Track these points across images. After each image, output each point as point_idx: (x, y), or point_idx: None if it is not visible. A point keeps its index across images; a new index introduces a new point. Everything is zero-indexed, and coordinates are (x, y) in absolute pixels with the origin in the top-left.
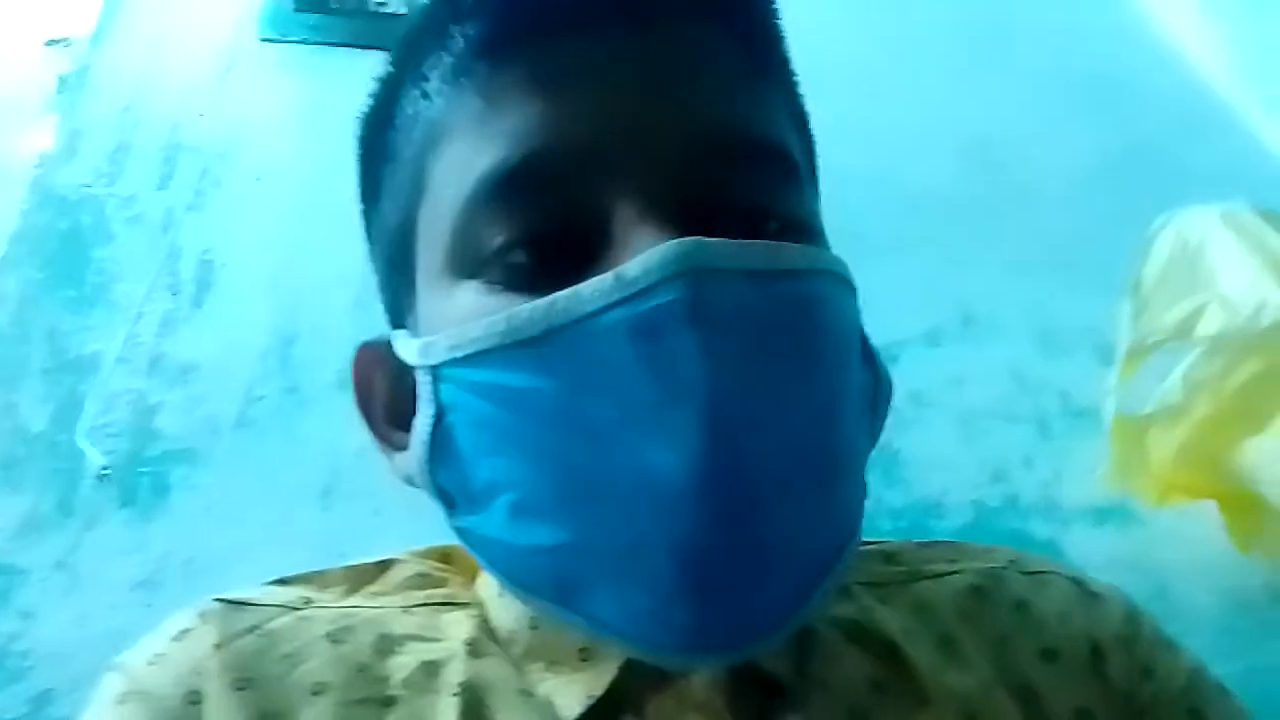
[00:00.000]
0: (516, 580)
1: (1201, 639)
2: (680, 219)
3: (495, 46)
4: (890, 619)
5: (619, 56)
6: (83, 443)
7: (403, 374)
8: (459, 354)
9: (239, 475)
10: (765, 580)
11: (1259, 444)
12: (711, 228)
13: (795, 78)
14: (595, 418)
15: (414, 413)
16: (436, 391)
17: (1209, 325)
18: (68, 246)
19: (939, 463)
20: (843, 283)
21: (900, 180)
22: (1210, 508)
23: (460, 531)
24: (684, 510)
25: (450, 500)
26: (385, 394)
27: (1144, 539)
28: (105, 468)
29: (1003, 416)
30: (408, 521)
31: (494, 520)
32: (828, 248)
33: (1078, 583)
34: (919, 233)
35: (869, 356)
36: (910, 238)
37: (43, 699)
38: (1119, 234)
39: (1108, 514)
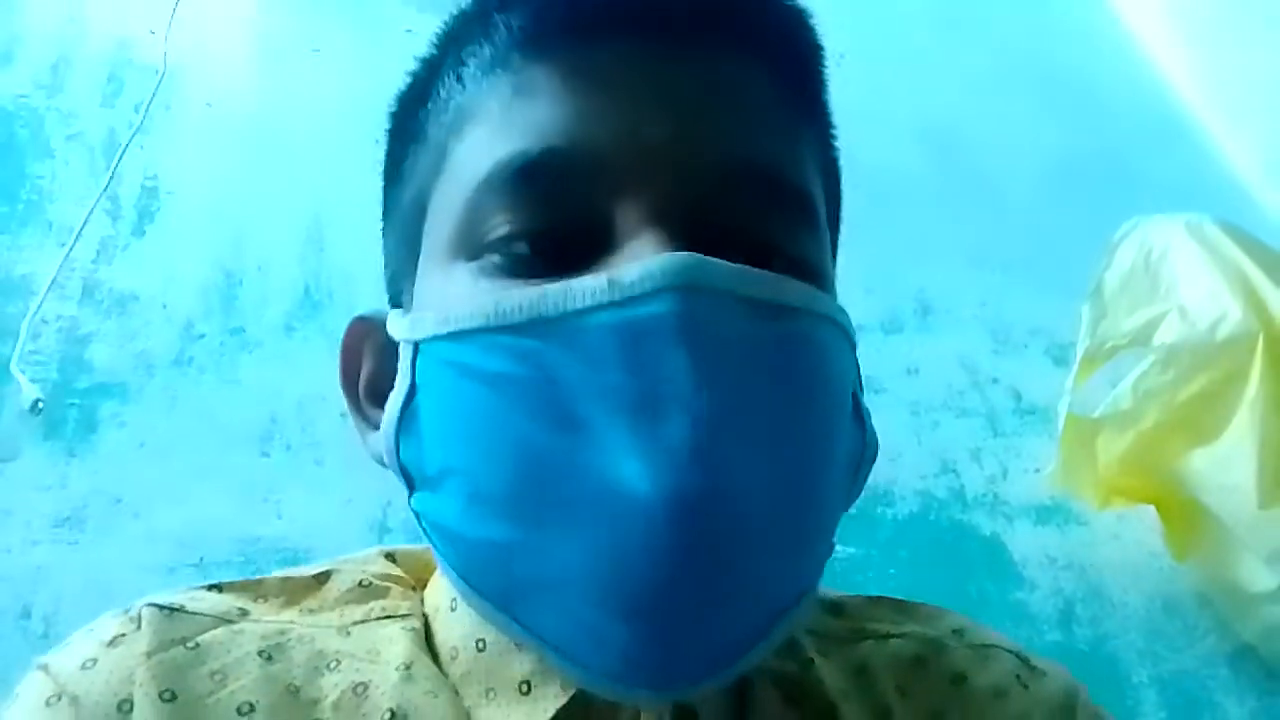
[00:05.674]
0: (464, 573)
1: (1130, 640)
2: (684, 237)
3: (535, 39)
4: (830, 677)
5: (654, 69)
6: (16, 371)
7: (391, 353)
8: (443, 330)
9: (173, 415)
10: (714, 618)
11: (1205, 453)
12: (715, 253)
13: (832, 129)
14: (567, 416)
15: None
16: (414, 367)
17: (1167, 334)
18: (1, 159)
19: (889, 451)
20: (843, 335)
21: (861, 161)
22: (1149, 513)
23: (417, 515)
24: (645, 528)
25: (411, 480)
26: (371, 370)
27: (1083, 539)
28: (39, 399)
29: (954, 409)
30: (348, 476)
31: (450, 506)
32: (835, 298)
33: (1021, 658)
34: (880, 217)
35: (860, 417)
36: (870, 221)
37: None
38: (1077, 236)
39: (1050, 512)
